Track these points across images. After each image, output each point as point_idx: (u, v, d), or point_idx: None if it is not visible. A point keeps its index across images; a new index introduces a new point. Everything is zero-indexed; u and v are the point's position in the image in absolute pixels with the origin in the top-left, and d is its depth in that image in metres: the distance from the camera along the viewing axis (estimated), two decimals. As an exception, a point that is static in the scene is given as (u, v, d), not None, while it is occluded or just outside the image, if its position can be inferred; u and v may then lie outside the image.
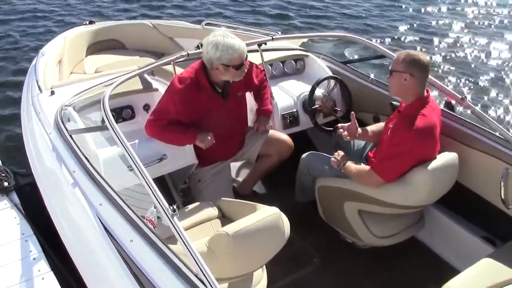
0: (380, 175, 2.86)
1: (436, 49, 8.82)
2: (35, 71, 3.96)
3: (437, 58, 8.38)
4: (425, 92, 2.91)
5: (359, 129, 3.25)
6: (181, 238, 1.96)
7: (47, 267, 3.20)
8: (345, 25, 9.63)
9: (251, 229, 2.18)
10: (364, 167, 3.00)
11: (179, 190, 3.66)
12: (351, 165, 3.06)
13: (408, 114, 2.87)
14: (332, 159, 3.15)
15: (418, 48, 8.59)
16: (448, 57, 8.47)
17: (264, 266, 2.51)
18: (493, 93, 7.23)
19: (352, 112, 3.30)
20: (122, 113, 3.46)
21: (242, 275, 2.31)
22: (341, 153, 3.16)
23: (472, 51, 8.80)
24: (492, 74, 7.88)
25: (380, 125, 3.36)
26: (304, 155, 3.47)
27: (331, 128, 3.74)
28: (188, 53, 3.32)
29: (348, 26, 9.53)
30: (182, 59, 3.33)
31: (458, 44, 9.12)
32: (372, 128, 3.36)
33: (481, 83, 7.55)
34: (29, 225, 3.55)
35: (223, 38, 2.96)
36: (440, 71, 7.83)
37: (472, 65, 8.17)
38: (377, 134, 3.31)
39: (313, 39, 6.19)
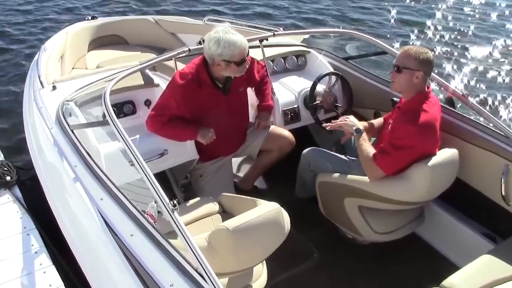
0: (381, 167, 2.86)
1: (436, 44, 8.79)
2: (37, 66, 3.97)
3: (438, 54, 8.36)
4: (426, 87, 2.93)
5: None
6: (181, 233, 1.97)
7: (49, 261, 3.23)
8: (346, 21, 9.62)
9: (251, 224, 2.19)
10: (372, 154, 2.95)
11: (180, 185, 3.67)
12: (365, 142, 3.01)
13: (409, 108, 2.88)
14: (348, 124, 3.12)
15: (419, 43, 8.56)
16: (448, 53, 8.45)
17: (264, 261, 2.53)
18: (494, 90, 7.21)
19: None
20: (123, 108, 3.46)
21: (242, 270, 2.32)
22: (355, 120, 3.14)
23: (472, 47, 8.77)
24: (493, 71, 7.86)
25: (380, 120, 3.37)
26: (305, 151, 3.47)
27: (332, 124, 3.75)
28: (189, 49, 3.32)
29: (349, 23, 9.51)
30: (183, 54, 3.33)
31: (458, 40, 9.09)
32: (374, 124, 3.38)
33: (482, 80, 7.53)
34: (31, 219, 3.58)
35: (224, 34, 2.96)
36: (441, 67, 7.82)
37: (473, 62, 8.15)
38: (377, 128, 3.33)
39: (314, 35, 6.17)
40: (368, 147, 3.00)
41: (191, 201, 2.91)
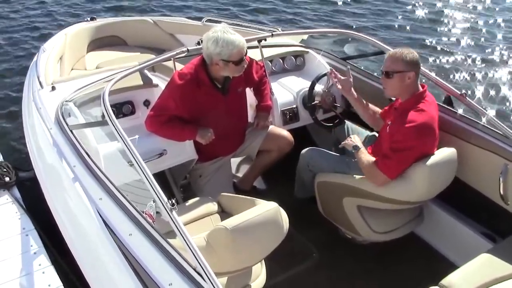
0: (384, 172, 2.86)
1: (435, 44, 8.80)
2: (36, 67, 3.98)
3: (436, 53, 8.36)
4: (420, 87, 2.95)
5: (355, 93, 3.36)
6: (180, 232, 1.97)
7: (48, 261, 3.23)
8: (345, 21, 9.63)
9: (250, 223, 2.19)
10: (372, 161, 2.96)
11: (179, 185, 3.67)
12: (364, 155, 3.03)
13: (406, 110, 2.89)
14: (347, 142, 3.16)
15: (417, 44, 8.57)
16: (446, 52, 8.46)
17: (263, 261, 2.53)
18: (492, 89, 7.22)
19: (349, 67, 3.42)
20: (123, 109, 3.46)
21: (241, 270, 2.33)
22: (356, 137, 3.18)
23: (471, 47, 8.78)
24: (491, 70, 7.86)
25: (377, 110, 3.41)
26: (303, 151, 3.48)
27: (331, 124, 3.75)
28: (188, 49, 3.32)
29: (348, 23, 9.52)
30: (182, 55, 3.33)
31: (457, 39, 9.10)
32: (370, 106, 3.41)
33: (480, 79, 7.54)
34: (30, 219, 3.57)
35: (223, 34, 2.96)
36: (439, 66, 7.83)
37: (472, 61, 8.15)
38: (370, 111, 3.38)
39: (313, 35, 6.18)
40: (367, 157, 3.02)
41: (190, 201, 2.91)
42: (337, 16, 9.93)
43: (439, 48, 8.63)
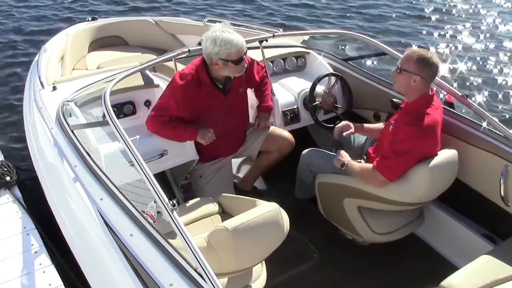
0: (384, 174, 2.85)
1: (435, 45, 8.79)
2: (37, 67, 3.98)
3: (436, 54, 8.35)
4: (430, 90, 2.92)
5: (354, 125, 3.36)
6: (181, 233, 1.97)
7: (48, 260, 3.24)
8: (346, 22, 9.63)
9: (250, 224, 2.20)
10: (367, 165, 2.96)
11: (180, 186, 3.67)
12: (354, 164, 3.03)
13: (411, 111, 2.88)
14: (335, 160, 3.13)
15: (418, 45, 8.56)
16: (447, 53, 8.45)
17: (264, 261, 2.53)
18: (493, 91, 7.21)
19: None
20: (123, 109, 3.47)
21: (241, 270, 2.33)
22: (343, 153, 3.14)
23: (472, 47, 8.78)
24: (492, 71, 7.86)
25: (380, 125, 3.38)
26: (304, 152, 3.48)
27: (332, 125, 3.74)
28: (189, 50, 3.32)
29: (349, 24, 9.52)
30: (183, 55, 3.34)
31: (457, 40, 9.10)
32: (370, 126, 3.41)
33: (481, 80, 7.53)
34: (31, 219, 3.59)
35: (221, 33, 2.96)
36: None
37: (472, 62, 8.15)
38: (375, 131, 3.35)
39: (314, 36, 6.18)
40: (358, 165, 3.03)
41: (191, 202, 2.91)
42: (339, 17, 9.92)
43: (439, 49, 8.62)
